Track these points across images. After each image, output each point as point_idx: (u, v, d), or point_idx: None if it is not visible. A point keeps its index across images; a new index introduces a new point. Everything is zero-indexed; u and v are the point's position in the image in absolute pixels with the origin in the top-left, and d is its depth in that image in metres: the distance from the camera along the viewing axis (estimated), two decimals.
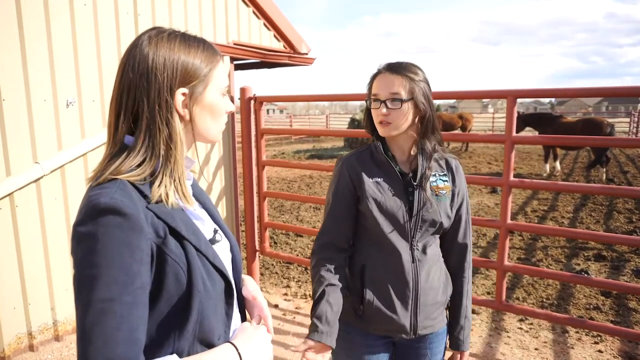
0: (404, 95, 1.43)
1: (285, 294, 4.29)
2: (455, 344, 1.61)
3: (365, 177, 1.49)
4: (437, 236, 1.56)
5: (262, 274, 4.80)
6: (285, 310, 3.90)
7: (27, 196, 2.91)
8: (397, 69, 1.46)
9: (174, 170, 0.90)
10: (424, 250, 1.50)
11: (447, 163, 1.58)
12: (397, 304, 1.47)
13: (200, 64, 0.92)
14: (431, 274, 1.51)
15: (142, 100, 0.87)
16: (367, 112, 1.55)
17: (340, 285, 1.49)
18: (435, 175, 1.52)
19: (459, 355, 1.62)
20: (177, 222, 0.88)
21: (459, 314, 1.60)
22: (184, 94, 0.90)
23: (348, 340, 1.54)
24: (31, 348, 3.03)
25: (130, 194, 0.83)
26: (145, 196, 0.86)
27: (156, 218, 0.85)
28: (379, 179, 1.49)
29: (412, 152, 1.52)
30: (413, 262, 1.48)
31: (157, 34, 0.90)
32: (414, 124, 1.49)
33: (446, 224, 1.52)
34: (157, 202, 0.87)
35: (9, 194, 2.80)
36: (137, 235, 0.80)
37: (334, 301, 1.45)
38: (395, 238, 1.47)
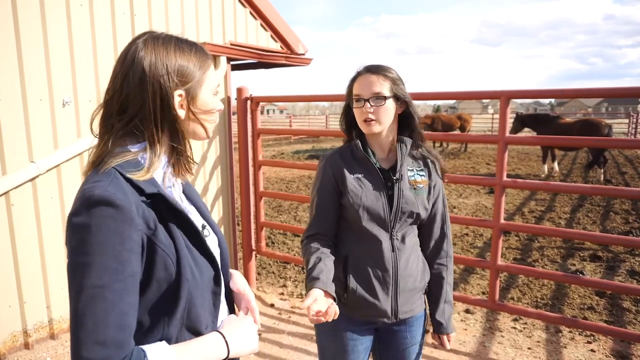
0: (385, 93, 1.54)
1: (282, 294, 4.31)
2: (439, 327, 1.72)
3: (347, 173, 1.59)
4: (415, 226, 1.67)
5: (258, 274, 4.82)
6: (281, 310, 3.91)
7: (23, 195, 2.93)
8: (376, 69, 1.57)
9: (181, 160, 0.98)
10: (402, 240, 1.61)
11: (424, 158, 1.69)
12: (379, 290, 1.58)
13: (194, 66, 0.97)
14: (410, 261, 1.62)
15: (142, 100, 0.92)
16: (345, 112, 1.65)
17: (332, 256, 1.56)
18: (413, 169, 1.63)
19: (445, 337, 1.73)
20: (168, 213, 0.93)
21: (440, 299, 1.71)
22: (180, 95, 0.95)
23: (333, 327, 1.62)
24: (26, 346, 3.05)
25: (123, 187, 0.87)
26: (139, 189, 0.90)
27: (147, 210, 0.90)
28: (360, 175, 1.59)
29: (391, 149, 1.64)
30: (393, 251, 1.58)
31: (152, 39, 0.95)
32: (394, 121, 1.60)
33: (423, 215, 1.63)
34: (149, 195, 0.91)
35: (4, 193, 2.82)
36: (128, 226, 0.84)
37: (329, 264, 1.52)
38: (375, 229, 1.57)
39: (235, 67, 4.98)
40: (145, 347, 0.86)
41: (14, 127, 2.85)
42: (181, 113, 0.96)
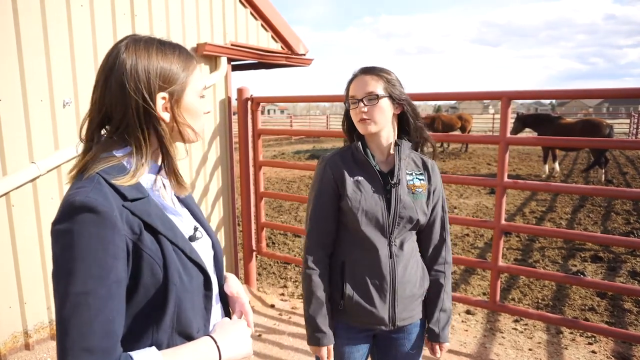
0: (379, 92, 1.53)
1: (282, 294, 4.31)
2: (432, 335, 1.68)
3: (346, 175, 1.56)
4: (414, 232, 1.63)
5: (259, 274, 4.81)
6: (282, 311, 3.91)
7: (23, 196, 2.93)
8: (370, 70, 1.57)
9: (169, 166, 0.97)
10: (401, 246, 1.58)
11: (424, 162, 1.66)
12: (376, 297, 1.56)
13: (178, 68, 0.96)
14: (408, 268, 1.59)
15: (124, 105, 0.91)
16: (346, 115, 1.65)
17: (329, 289, 1.61)
18: (412, 174, 1.60)
19: (437, 346, 1.69)
20: (152, 218, 0.91)
21: (436, 306, 1.67)
22: (164, 98, 0.94)
23: None
24: (27, 347, 3.04)
25: (105, 193, 0.86)
26: (121, 194, 0.89)
27: (131, 215, 0.88)
28: (359, 178, 1.57)
29: (390, 152, 1.61)
30: (391, 257, 1.55)
31: (133, 42, 0.94)
32: (392, 122, 1.58)
33: (422, 220, 1.60)
34: (132, 200, 0.90)
35: (5, 194, 2.82)
36: (110, 232, 0.83)
37: (328, 306, 1.59)
38: (373, 235, 1.54)
39: (235, 68, 4.97)
40: (132, 353, 0.85)
41: (15, 127, 2.85)
42: (165, 116, 0.95)
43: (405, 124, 1.62)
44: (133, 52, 0.92)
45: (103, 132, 0.97)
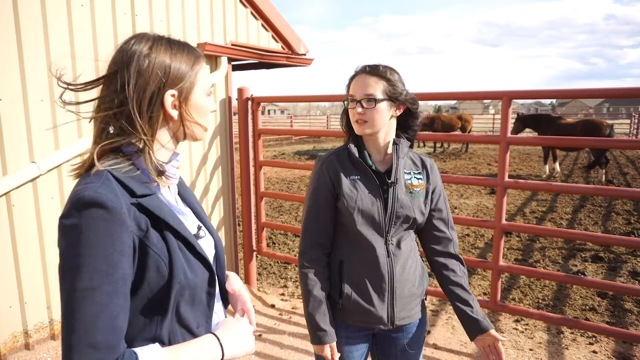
0: (378, 95, 1.50)
1: (282, 294, 4.31)
2: (480, 327, 1.55)
3: (342, 175, 1.56)
4: (412, 231, 1.62)
5: (259, 274, 4.81)
6: (282, 310, 3.91)
7: (23, 195, 2.93)
8: (372, 70, 1.53)
9: (151, 161, 0.96)
10: (398, 245, 1.57)
11: (422, 162, 1.66)
12: (374, 296, 1.55)
13: (186, 67, 0.97)
14: (406, 267, 1.58)
15: (134, 102, 0.91)
16: (344, 112, 1.64)
17: (327, 287, 1.60)
18: (410, 173, 1.60)
19: (493, 339, 1.55)
20: (164, 213, 0.92)
21: (468, 301, 1.58)
22: (173, 95, 0.95)
23: None
24: (27, 347, 3.04)
25: (114, 189, 0.86)
26: (130, 190, 0.89)
27: (139, 212, 0.89)
28: (356, 177, 1.56)
29: (388, 151, 1.61)
30: (388, 256, 1.55)
31: (143, 40, 0.95)
32: (389, 124, 1.56)
33: (420, 219, 1.59)
34: (141, 196, 0.90)
35: (5, 193, 2.82)
36: (118, 228, 0.83)
37: (327, 303, 1.58)
38: (370, 234, 1.54)
39: (236, 68, 4.97)
40: (137, 349, 0.85)
41: (15, 127, 2.85)
42: (174, 113, 0.96)
43: (407, 124, 1.62)
44: (143, 50, 0.93)
45: (110, 129, 0.97)
